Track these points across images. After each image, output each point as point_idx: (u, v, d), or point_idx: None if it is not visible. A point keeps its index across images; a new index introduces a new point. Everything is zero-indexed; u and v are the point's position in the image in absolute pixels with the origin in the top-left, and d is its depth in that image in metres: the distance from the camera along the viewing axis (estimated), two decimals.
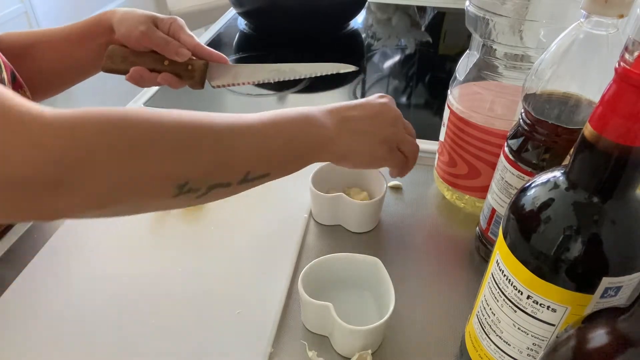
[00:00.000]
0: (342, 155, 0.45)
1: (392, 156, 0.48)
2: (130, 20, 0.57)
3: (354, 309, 0.46)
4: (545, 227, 0.29)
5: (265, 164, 0.40)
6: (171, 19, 0.59)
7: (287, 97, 0.84)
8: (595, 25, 0.35)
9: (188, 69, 0.58)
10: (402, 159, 0.49)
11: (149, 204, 0.37)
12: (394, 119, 0.48)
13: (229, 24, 1.13)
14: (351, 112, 0.46)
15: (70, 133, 0.31)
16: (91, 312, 0.46)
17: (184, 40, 0.58)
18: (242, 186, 0.39)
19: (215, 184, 0.37)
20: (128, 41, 0.57)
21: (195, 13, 2.40)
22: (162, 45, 0.56)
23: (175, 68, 0.57)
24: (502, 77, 0.49)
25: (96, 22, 0.59)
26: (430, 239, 0.55)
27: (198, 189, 0.36)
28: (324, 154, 0.44)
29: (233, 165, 0.38)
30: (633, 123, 0.25)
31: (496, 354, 0.35)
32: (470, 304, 0.40)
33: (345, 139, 0.44)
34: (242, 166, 0.39)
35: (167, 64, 0.57)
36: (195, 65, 0.58)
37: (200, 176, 0.36)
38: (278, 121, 0.41)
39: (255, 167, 0.39)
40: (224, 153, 0.38)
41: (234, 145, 0.38)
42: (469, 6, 0.48)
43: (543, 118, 0.40)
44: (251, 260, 0.51)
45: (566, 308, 0.29)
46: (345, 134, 0.45)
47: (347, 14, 1.09)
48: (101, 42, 0.58)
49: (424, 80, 0.92)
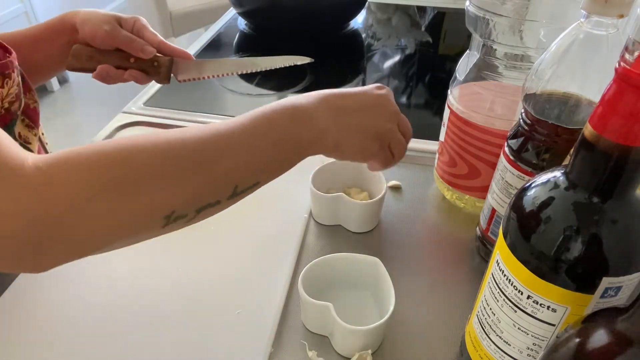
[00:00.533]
0: (335, 147, 0.43)
1: (381, 153, 0.46)
2: (94, 20, 0.58)
3: (354, 309, 0.46)
4: (545, 227, 0.29)
5: (253, 174, 0.38)
6: (134, 18, 0.61)
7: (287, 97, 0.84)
8: (595, 25, 0.35)
9: (154, 65, 0.60)
10: (389, 157, 0.47)
11: (138, 238, 0.35)
12: (390, 115, 0.46)
13: (229, 24, 1.13)
14: (346, 101, 0.44)
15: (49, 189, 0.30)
16: (91, 311, 0.46)
17: (147, 38, 0.59)
18: (232, 200, 0.38)
19: (204, 205, 0.36)
20: (93, 40, 0.58)
21: (195, 13, 2.40)
22: (127, 44, 0.58)
23: (142, 65, 0.59)
24: (502, 77, 0.49)
25: (59, 22, 0.60)
26: (430, 239, 0.55)
27: (186, 214, 0.35)
28: (314, 148, 0.42)
29: (219, 183, 0.36)
30: (633, 123, 0.25)
31: (496, 354, 0.35)
32: (470, 304, 0.40)
33: (336, 132, 0.42)
34: (229, 182, 0.37)
35: (133, 62, 0.59)
36: (161, 61, 0.60)
37: (186, 202, 0.35)
38: (261, 124, 0.39)
39: (243, 179, 0.38)
40: (207, 173, 0.36)
41: (216, 161, 0.36)
42: (469, 6, 0.48)
43: (543, 118, 0.40)
44: (251, 260, 0.51)
45: (566, 308, 0.29)
46: (337, 127, 0.42)
47: (347, 14, 1.09)
48: (64, 42, 0.59)
49: (424, 80, 0.92)
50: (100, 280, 0.49)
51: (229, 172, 0.37)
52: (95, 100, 2.41)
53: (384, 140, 0.45)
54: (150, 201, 0.33)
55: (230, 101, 0.83)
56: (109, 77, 0.59)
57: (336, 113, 0.43)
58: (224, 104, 0.84)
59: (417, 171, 0.65)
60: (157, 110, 0.77)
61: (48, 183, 0.30)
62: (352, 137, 0.43)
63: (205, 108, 0.79)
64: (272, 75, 0.90)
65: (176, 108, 0.78)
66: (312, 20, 1.04)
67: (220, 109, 0.81)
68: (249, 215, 0.57)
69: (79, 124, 2.37)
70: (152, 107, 0.78)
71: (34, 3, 2.74)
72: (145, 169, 0.33)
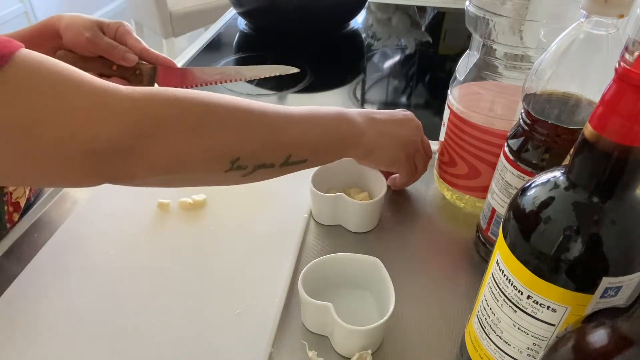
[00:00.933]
0: (369, 151, 0.49)
1: (407, 164, 0.53)
2: (76, 26, 0.57)
3: (354, 309, 0.46)
4: (545, 227, 0.29)
5: (305, 150, 0.45)
6: (117, 23, 0.60)
7: (287, 97, 0.84)
8: (595, 25, 0.35)
9: (136, 74, 0.59)
10: (413, 169, 0.54)
11: (205, 176, 0.41)
12: (416, 128, 0.53)
13: (229, 24, 1.13)
14: (378, 115, 0.51)
15: (144, 106, 0.35)
16: (92, 311, 0.46)
17: (130, 44, 0.59)
18: (283, 169, 0.44)
19: (261, 164, 0.42)
20: (75, 47, 0.58)
21: (195, 13, 2.40)
22: (109, 51, 0.58)
23: (124, 72, 0.59)
24: (502, 77, 0.49)
25: (43, 27, 0.59)
26: (430, 239, 0.55)
27: (246, 166, 0.41)
28: (354, 148, 0.49)
29: (277, 148, 0.43)
30: (633, 123, 0.25)
31: (496, 354, 0.35)
32: (470, 304, 0.40)
33: (373, 136, 0.49)
34: (285, 149, 0.43)
35: (116, 69, 0.58)
36: (143, 69, 0.59)
37: (250, 154, 0.41)
38: (317, 114, 0.46)
39: (297, 152, 0.44)
40: (271, 136, 0.42)
41: (279, 129, 0.43)
42: (469, 6, 0.48)
43: (543, 118, 0.40)
44: (251, 260, 0.51)
45: (566, 308, 0.29)
46: (373, 132, 0.49)
47: (347, 14, 1.09)
48: (48, 48, 0.59)
49: (424, 80, 0.92)
50: (100, 279, 0.49)
51: (288, 141, 0.43)
52: None
53: (410, 151, 0.53)
54: (222, 142, 0.39)
55: None
56: None
57: (372, 121, 0.50)
58: None
59: None
60: None
61: (144, 101, 0.36)
62: (384, 143, 0.50)
63: None
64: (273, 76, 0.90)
65: None
66: (312, 20, 1.03)
67: None
68: (249, 215, 0.57)
69: None
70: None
71: (34, 3, 2.74)
72: (225, 116, 0.40)
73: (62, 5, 2.94)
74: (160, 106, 0.36)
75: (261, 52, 1.00)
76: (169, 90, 0.38)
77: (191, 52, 0.97)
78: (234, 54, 1.00)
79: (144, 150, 0.36)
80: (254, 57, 0.98)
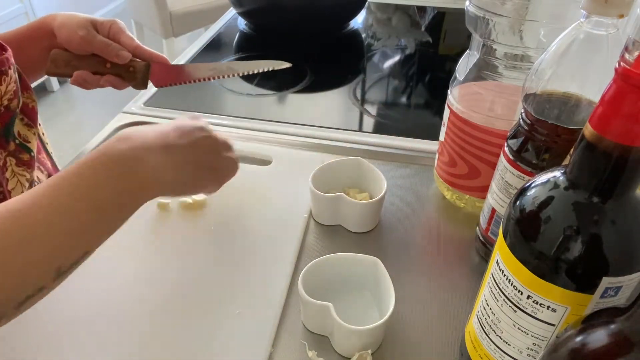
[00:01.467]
0: (168, 190, 0.43)
1: (213, 178, 0.47)
2: (70, 25, 0.57)
3: (354, 309, 0.46)
4: (545, 227, 0.29)
5: (77, 247, 0.36)
6: (111, 21, 0.59)
7: (287, 97, 0.84)
8: (595, 25, 0.35)
9: (130, 71, 0.59)
10: (220, 179, 0.48)
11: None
12: (210, 147, 0.46)
13: (229, 24, 1.13)
14: (167, 138, 0.42)
15: None
16: (91, 311, 0.46)
17: (124, 42, 0.59)
18: (56, 283, 0.36)
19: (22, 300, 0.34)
20: (69, 45, 0.58)
21: (195, 13, 2.40)
22: (103, 49, 0.57)
23: (118, 70, 0.58)
24: (502, 77, 0.49)
25: (38, 26, 0.59)
26: (430, 239, 0.55)
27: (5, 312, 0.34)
28: (146, 197, 0.40)
29: (35, 270, 0.34)
30: (633, 123, 0.25)
31: (496, 354, 0.35)
32: (470, 304, 0.40)
33: (169, 174, 0.41)
34: (50, 264, 0.35)
35: (110, 67, 0.58)
36: (137, 66, 0.59)
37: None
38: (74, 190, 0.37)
39: (66, 258, 0.35)
40: (17, 262, 0.33)
41: (22, 249, 0.33)
42: (469, 6, 0.48)
43: (543, 118, 0.40)
44: (251, 260, 0.51)
45: (566, 308, 0.29)
46: (168, 169, 0.41)
47: (347, 14, 1.09)
48: (44, 46, 0.59)
49: (424, 80, 0.92)
50: (100, 279, 0.49)
51: (45, 255, 0.34)
52: (95, 100, 2.41)
53: (212, 167, 0.46)
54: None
55: (230, 101, 0.83)
56: (86, 83, 0.59)
57: (167, 155, 0.41)
58: (224, 104, 0.84)
59: (417, 171, 0.65)
60: (157, 110, 0.77)
61: None
62: (183, 176, 0.43)
63: (205, 108, 0.79)
64: (272, 76, 0.90)
65: (176, 108, 0.78)
66: (312, 20, 1.03)
67: (220, 109, 0.81)
68: (249, 215, 0.57)
69: (79, 123, 2.37)
70: (152, 107, 0.78)
71: (34, 3, 2.74)
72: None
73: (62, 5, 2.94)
74: None
75: (261, 52, 1.00)
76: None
77: (191, 52, 0.97)
78: (234, 54, 1.00)
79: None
80: (254, 57, 0.98)
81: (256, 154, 0.67)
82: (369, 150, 0.68)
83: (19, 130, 0.56)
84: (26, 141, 0.57)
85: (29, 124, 0.58)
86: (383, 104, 0.83)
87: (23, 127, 0.57)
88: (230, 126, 0.73)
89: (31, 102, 0.58)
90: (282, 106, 0.82)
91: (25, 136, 0.57)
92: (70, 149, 1.94)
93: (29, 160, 0.57)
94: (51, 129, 2.19)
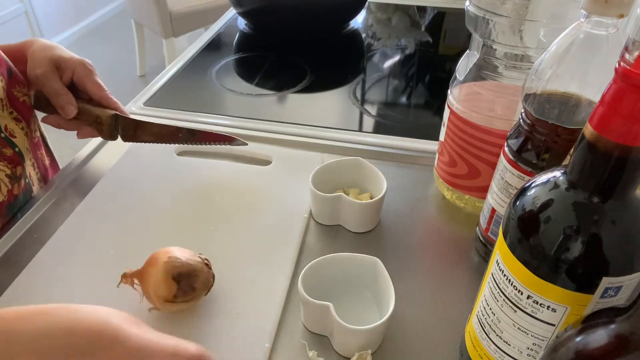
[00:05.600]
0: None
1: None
2: (34, 59, 0.55)
3: (354, 309, 0.46)
4: (545, 227, 0.29)
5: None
6: (77, 62, 0.56)
7: (287, 97, 0.84)
8: (595, 25, 0.35)
9: (97, 122, 0.56)
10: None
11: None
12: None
13: (229, 24, 1.13)
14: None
15: None
16: None
17: (90, 89, 0.55)
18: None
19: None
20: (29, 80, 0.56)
21: (195, 13, 2.40)
22: (52, 96, 0.54)
23: (87, 118, 0.56)
24: (502, 77, 0.49)
25: (20, 49, 0.58)
26: (430, 239, 0.55)
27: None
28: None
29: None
30: (633, 123, 0.25)
31: (496, 354, 0.35)
32: (470, 304, 0.40)
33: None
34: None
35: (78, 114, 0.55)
36: (104, 117, 0.55)
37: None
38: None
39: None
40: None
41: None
42: (469, 6, 0.48)
43: (543, 118, 0.40)
44: (251, 260, 0.51)
45: (566, 308, 0.29)
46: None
47: (347, 14, 1.09)
48: (23, 70, 0.57)
49: (424, 80, 0.92)
50: (99, 279, 0.49)
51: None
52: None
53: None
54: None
55: (230, 101, 0.83)
56: (61, 127, 0.57)
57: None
58: (224, 104, 0.84)
59: (417, 171, 0.65)
60: (157, 110, 0.77)
61: None
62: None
63: (205, 108, 0.79)
64: (273, 76, 0.90)
65: (176, 108, 0.78)
66: (312, 20, 1.03)
67: (220, 109, 0.81)
68: (249, 215, 0.57)
69: None
70: (152, 107, 0.78)
71: (34, 3, 2.74)
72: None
73: (62, 5, 2.94)
74: None
75: (261, 52, 1.00)
76: None
77: (191, 52, 0.97)
78: (234, 54, 1.00)
79: None
80: (253, 57, 0.98)
81: (256, 154, 0.67)
82: (369, 150, 0.68)
83: (6, 124, 0.55)
84: (12, 136, 0.55)
85: (18, 117, 0.56)
86: (383, 104, 0.83)
87: (11, 121, 0.56)
88: (230, 126, 0.73)
89: (22, 96, 0.57)
90: (282, 106, 0.82)
91: (12, 131, 0.55)
92: (70, 150, 1.93)
93: (11, 156, 0.55)
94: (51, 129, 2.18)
